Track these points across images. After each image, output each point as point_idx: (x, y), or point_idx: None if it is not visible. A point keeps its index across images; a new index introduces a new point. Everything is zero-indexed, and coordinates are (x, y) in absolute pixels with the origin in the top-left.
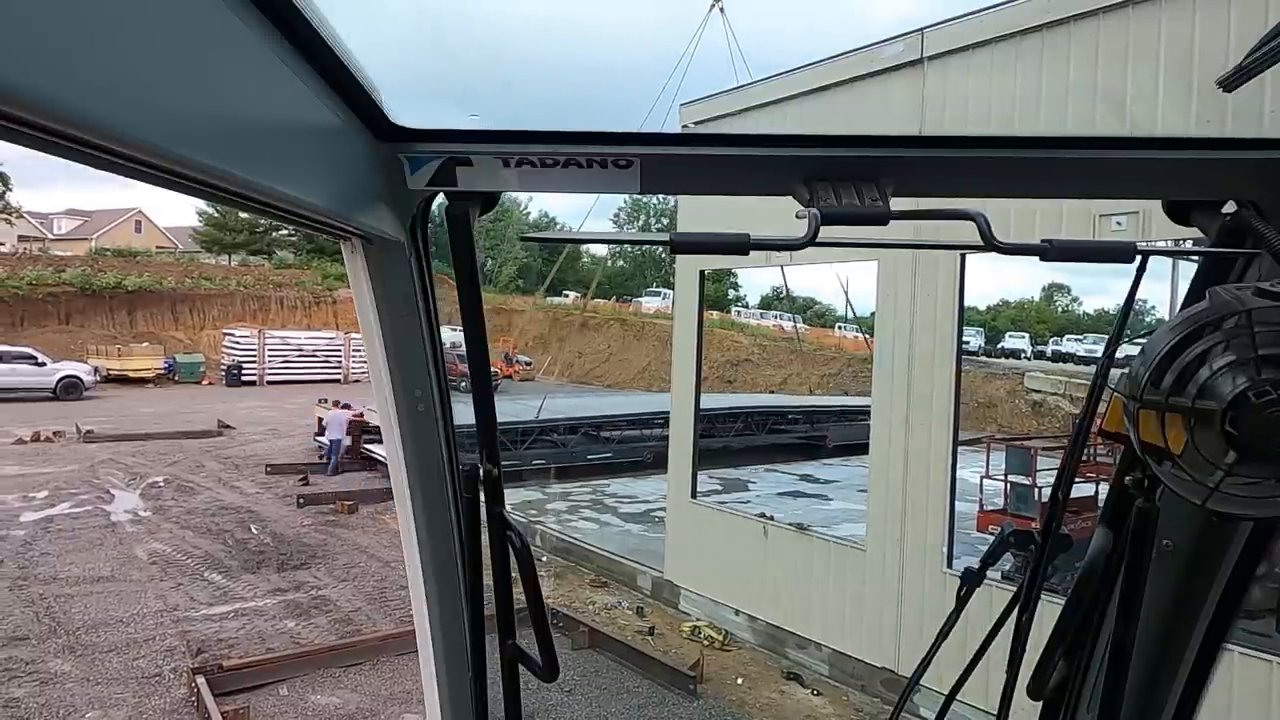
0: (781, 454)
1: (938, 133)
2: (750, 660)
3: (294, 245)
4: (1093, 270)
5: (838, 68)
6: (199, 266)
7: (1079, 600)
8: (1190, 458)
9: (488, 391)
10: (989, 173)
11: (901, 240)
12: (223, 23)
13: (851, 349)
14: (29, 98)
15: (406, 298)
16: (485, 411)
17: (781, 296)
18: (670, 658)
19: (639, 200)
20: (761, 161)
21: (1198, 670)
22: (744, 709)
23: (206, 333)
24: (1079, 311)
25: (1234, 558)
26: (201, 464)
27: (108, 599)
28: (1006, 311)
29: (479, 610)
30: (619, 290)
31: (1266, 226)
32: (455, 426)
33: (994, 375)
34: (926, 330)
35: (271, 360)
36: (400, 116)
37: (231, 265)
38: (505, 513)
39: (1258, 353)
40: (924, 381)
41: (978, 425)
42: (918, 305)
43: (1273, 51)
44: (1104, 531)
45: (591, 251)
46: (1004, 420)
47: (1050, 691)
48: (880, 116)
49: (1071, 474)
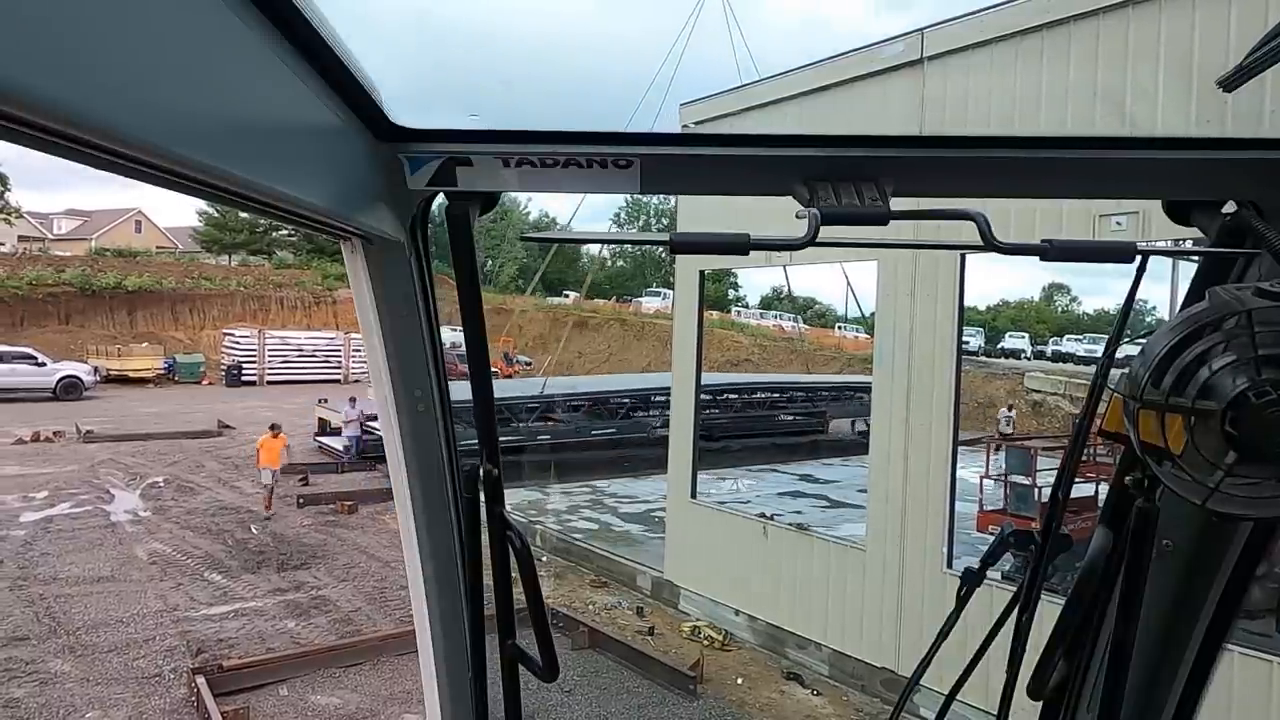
0: (780, 454)
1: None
2: (750, 660)
3: (294, 245)
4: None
5: (838, 68)
6: (199, 266)
7: (1079, 600)
8: (1190, 458)
9: (488, 392)
10: (989, 173)
11: (901, 240)
12: (223, 23)
13: (851, 349)
14: (29, 98)
15: (406, 298)
16: (485, 411)
17: (782, 296)
18: (670, 658)
19: (639, 201)
20: (761, 161)
21: (1198, 670)
22: (744, 709)
23: (206, 333)
24: (1079, 311)
25: (1234, 558)
26: (201, 464)
27: (107, 599)
28: (1006, 311)
29: (479, 610)
30: (619, 290)
31: (1266, 226)
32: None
33: (994, 375)
34: (926, 330)
35: (271, 360)
36: (400, 116)
37: (232, 265)
38: (505, 513)
39: (1258, 353)
40: (924, 381)
41: (978, 425)
42: (918, 305)
43: (1273, 51)
44: (1104, 531)
45: (590, 251)
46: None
47: (1050, 691)
48: (880, 116)
49: (1071, 474)
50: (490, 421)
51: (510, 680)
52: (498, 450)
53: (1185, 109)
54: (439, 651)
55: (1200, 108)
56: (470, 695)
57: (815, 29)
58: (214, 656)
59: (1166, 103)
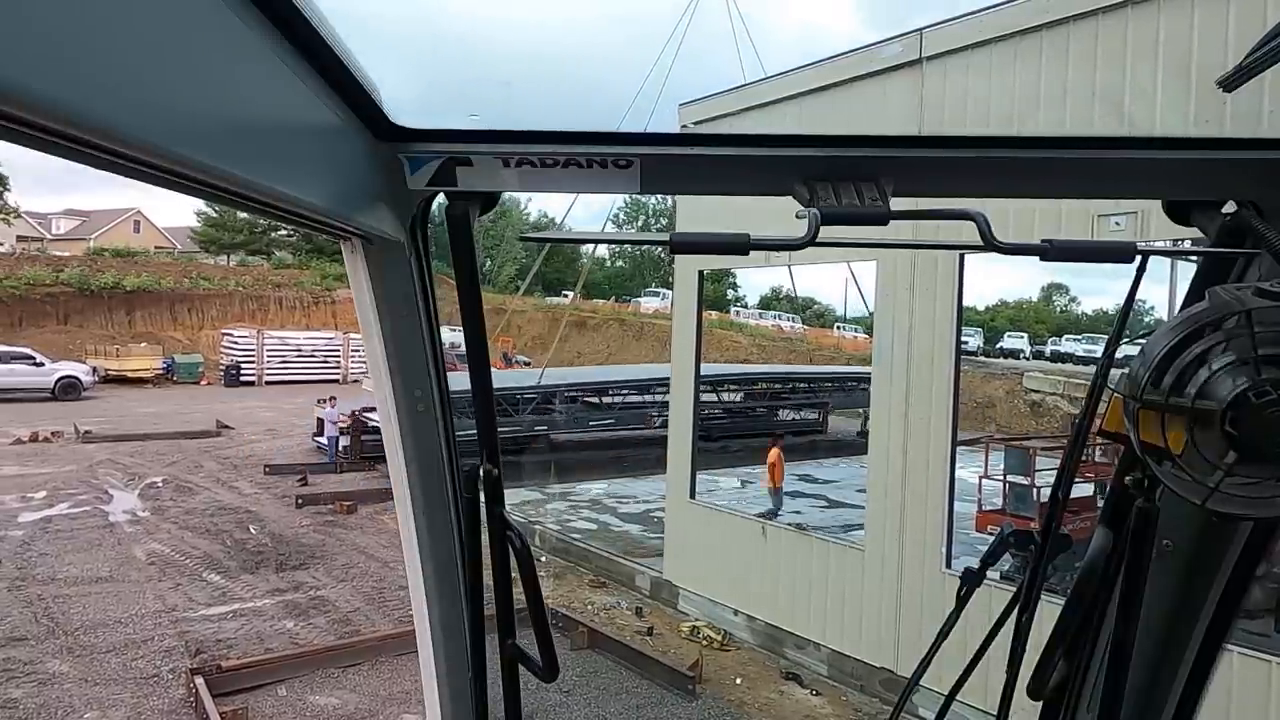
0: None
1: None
2: (749, 660)
3: (293, 245)
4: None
5: (837, 68)
6: (197, 266)
7: (1079, 600)
8: (1190, 458)
9: (488, 392)
10: (989, 173)
11: (901, 240)
12: (223, 23)
13: (850, 349)
14: (29, 98)
15: (406, 298)
16: (485, 411)
17: (781, 296)
18: (669, 658)
19: (638, 201)
20: (761, 161)
21: (1198, 670)
22: (743, 709)
23: (205, 333)
24: (1078, 311)
25: (1234, 558)
26: (200, 464)
27: (106, 599)
28: (1005, 311)
29: (479, 610)
30: (618, 290)
31: (1266, 226)
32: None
33: (993, 375)
34: (925, 329)
35: (270, 360)
36: (400, 116)
37: (230, 265)
38: (505, 513)
39: (1258, 353)
40: (923, 381)
41: (977, 425)
42: (916, 304)
43: (1273, 51)
44: (1104, 531)
45: (588, 251)
46: (1002, 420)
47: (1050, 691)
48: (879, 116)
49: (1071, 474)
50: (490, 422)
51: (510, 680)
52: (498, 450)
53: (1184, 109)
54: (439, 651)
55: (1200, 108)
56: (470, 695)
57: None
58: (212, 657)
59: (1166, 103)
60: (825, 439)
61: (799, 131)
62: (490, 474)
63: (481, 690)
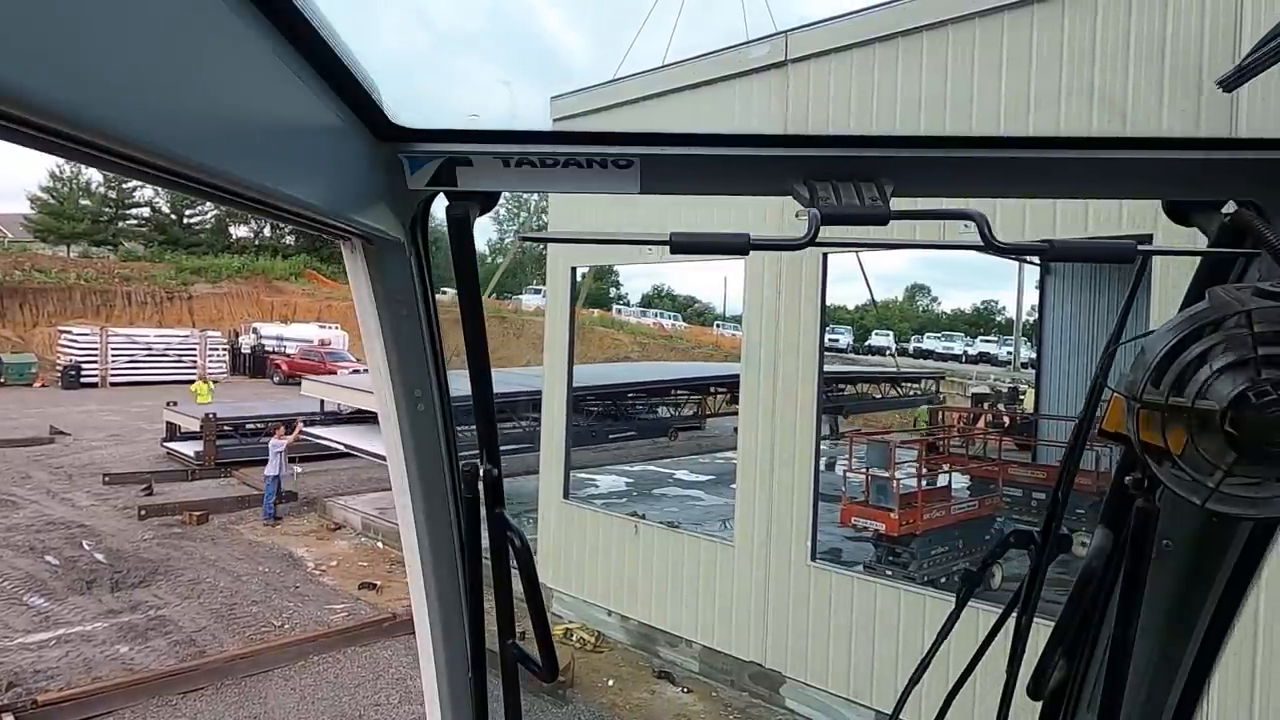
0: (660, 449)
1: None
2: (622, 660)
3: (143, 236)
4: (959, 269)
5: (700, 68)
6: (31, 257)
7: (1079, 600)
8: (1190, 458)
9: (488, 392)
10: (989, 173)
11: (901, 240)
12: (223, 23)
13: (729, 346)
14: (29, 98)
15: (406, 298)
16: (485, 412)
17: (663, 295)
18: None
19: (518, 197)
20: (761, 161)
21: (1198, 670)
22: (614, 711)
23: (40, 330)
24: (938, 310)
25: (1234, 558)
26: (28, 474)
27: None
28: (872, 311)
29: (479, 610)
30: (498, 287)
31: (1266, 226)
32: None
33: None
34: (791, 329)
35: (116, 360)
36: (400, 116)
37: (71, 256)
38: (505, 513)
39: (1258, 353)
40: (789, 378)
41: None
42: (783, 304)
43: (1273, 51)
44: (1104, 531)
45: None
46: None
47: (1050, 691)
48: (743, 114)
49: (1072, 474)
50: (490, 422)
51: (510, 680)
52: (498, 450)
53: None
54: (439, 651)
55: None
56: (470, 695)
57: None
58: (28, 690)
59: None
60: (705, 435)
61: (800, 131)
62: (490, 474)
63: (481, 690)
